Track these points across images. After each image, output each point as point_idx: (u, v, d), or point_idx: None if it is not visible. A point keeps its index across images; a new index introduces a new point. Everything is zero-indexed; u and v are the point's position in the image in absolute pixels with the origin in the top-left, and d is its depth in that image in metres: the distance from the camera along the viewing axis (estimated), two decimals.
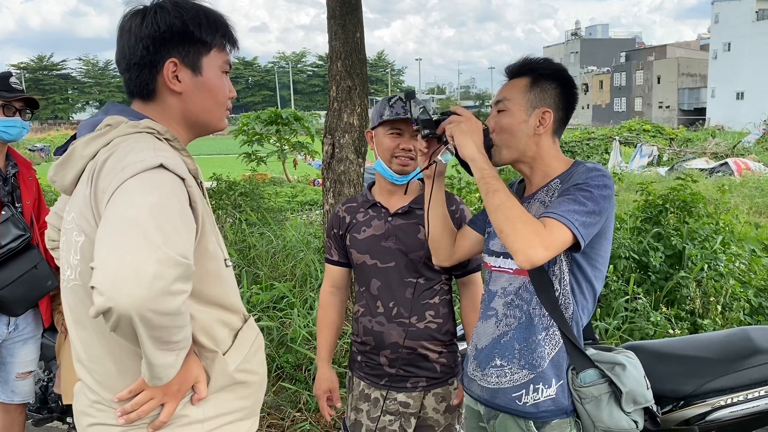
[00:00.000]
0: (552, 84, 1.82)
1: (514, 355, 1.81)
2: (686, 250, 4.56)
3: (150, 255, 1.09)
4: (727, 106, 48.40)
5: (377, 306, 2.23)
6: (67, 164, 1.34)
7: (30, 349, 2.96)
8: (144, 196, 1.16)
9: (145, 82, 1.38)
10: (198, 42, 1.38)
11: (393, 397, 2.23)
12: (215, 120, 1.46)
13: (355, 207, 2.33)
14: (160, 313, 1.11)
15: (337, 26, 4.68)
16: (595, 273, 1.80)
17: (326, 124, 4.87)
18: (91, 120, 1.38)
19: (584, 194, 1.67)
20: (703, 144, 19.74)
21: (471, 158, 1.69)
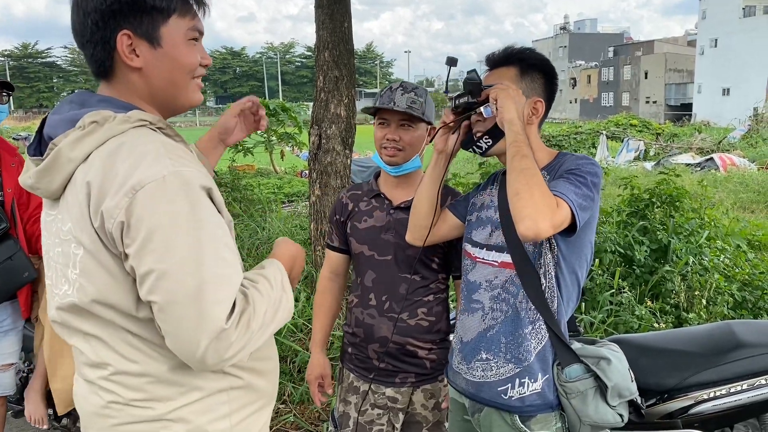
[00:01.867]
0: (539, 74, 1.82)
1: (501, 349, 1.80)
2: (671, 245, 4.58)
3: (206, 328, 1.13)
4: (714, 102, 48.74)
5: (370, 298, 2.21)
6: (53, 170, 1.20)
7: (11, 341, 2.90)
8: (184, 227, 1.13)
9: (101, 59, 1.25)
10: (152, 10, 1.23)
11: (381, 391, 2.22)
12: (184, 93, 1.33)
13: (359, 195, 2.31)
14: (229, 362, 1.20)
15: (325, 16, 4.64)
16: (580, 264, 1.79)
17: (313, 115, 4.83)
18: (68, 116, 1.23)
19: (579, 179, 1.67)
20: (689, 139, 19.87)
21: (510, 120, 1.66)
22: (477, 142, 1.84)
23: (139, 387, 1.26)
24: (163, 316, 1.14)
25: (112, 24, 1.22)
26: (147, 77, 1.27)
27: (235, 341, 1.16)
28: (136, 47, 1.24)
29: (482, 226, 1.92)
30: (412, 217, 2.05)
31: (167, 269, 1.11)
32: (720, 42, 50.99)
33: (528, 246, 1.77)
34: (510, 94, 1.71)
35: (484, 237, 1.89)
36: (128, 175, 1.12)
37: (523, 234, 1.55)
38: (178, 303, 1.12)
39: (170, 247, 1.11)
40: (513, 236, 1.79)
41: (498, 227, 1.85)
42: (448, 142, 1.91)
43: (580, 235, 1.73)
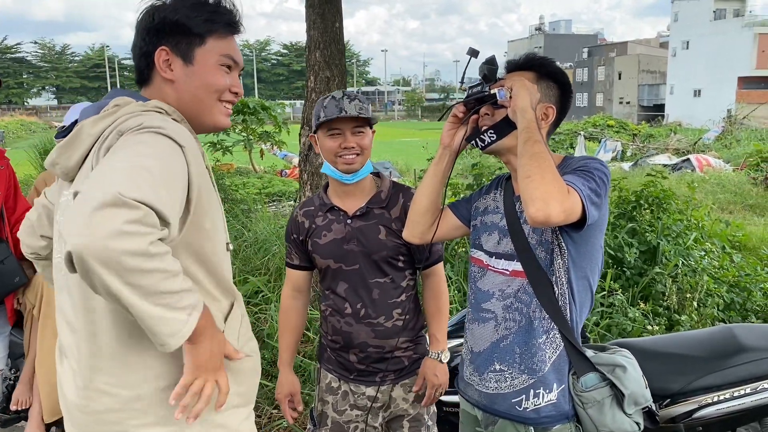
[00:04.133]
0: (554, 84, 1.82)
1: (515, 360, 1.78)
2: (660, 246, 4.62)
3: (103, 195, 1.06)
4: (685, 103, 49.53)
5: (345, 307, 2.22)
6: (73, 144, 1.33)
7: None
8: (129, 151, 1.18)
9: (142, 68, 1.46)
10: (190, 33, 1.42)
11: (361, 391, 2.25)
12: (209, 112, 1.48)
13: (312, 211, 2.28)
14: (121, 254, 1.05)
15: (316, 15, 4.58)
16: (592, 269, 1.78)
17: (304, 116, 4.77)
18: (97, 104, 1.40)
19: (587, 174, 1.65)
20: (665, 140, 20.16)
21: (523, 108, 1.66)
22: (480, 135, 1.82)
23: (110, 371, 1.33)
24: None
25: (155, 40, 1.42)
26: (177, 90, 1.44)
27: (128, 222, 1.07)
28: (171, 62, 1.43)
29: (489, 232, 1.90)
30: (410, 213, 2.02)
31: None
32: (691, 44, 51.87)
33: (539, 253, 1.75)
34: (525, 85, 1.71)
35: (493, 244, 1.87)
36: (121, 127, 1.27)
37: (533, 216, 1.51)
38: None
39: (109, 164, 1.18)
40: (522, 244, 1.78)
41: (506, 234, 1.83)
42: (455, 137, 1.89)
43: (590, 239, 1.72)
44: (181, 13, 1.41)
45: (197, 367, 1.26)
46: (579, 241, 1.70)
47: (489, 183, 2.04)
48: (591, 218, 1.60)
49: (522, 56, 1.85)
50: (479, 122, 1.84)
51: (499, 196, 1.92)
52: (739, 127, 22.94)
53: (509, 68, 1.85)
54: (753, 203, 10.52)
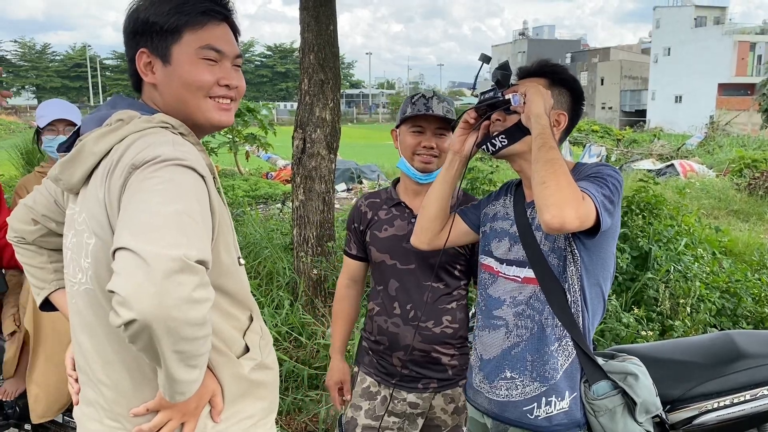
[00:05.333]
0: (567, 91, 1.82)
1: (526, 367, 1.76)
2: (652, 252, 4.65)
3: (170, 261, 1.01)
4: (666, 109, 50.09)
5: (394, 307, 2.20)
6: (76, 161, 1.27)
7: None
8: (164, 195, 1.09)
9: (133, 75, 1.38)
10: (164, 31, 1.32)
11: (402, 397, 2.22)
12: (197, 111, 1.35)
13: (377, 203, 2.29)
14: (185, 324, 1.03)
15: (310, 18, 4.57)
16: (604, 276, 1.77)
17: (297, 118, 4.75)
18: (98, 114, 1.33)
19: (601, 180, 1.65)
20: (649, 145, 20.38)
21: (538, 114, 1.65)
22: (491, 140, 1.81)
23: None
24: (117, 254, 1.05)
25: (133, 43, 1.35)
26: (162, 93, 1.36)
27: (185, 294, 1.03)
28: (153, 64, 1.34)
29: (499, 238, 1.89)
30: (419, 219, 2.01)
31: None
32: (673, 50, 52.49)
33: (552, 260, 1.74)
34: (540, 91, 1.70)
35: (504, 251, 1.85)
36: (132, 158, 1.17)
37: (548, 223, 1.50)
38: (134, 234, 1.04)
39: (141, 214, 1.08)
40: (534, 251, 1.77)
41: (517, 241, 1.82)
42: (466, 143, 1.88)
43: (603, 246, 1.72)
44: (151, 10, 1.31)
45: (174, 407, 1.24)
46: (592, 248, 1.70)
47: (498, 189, 2.03)
48: (604, 225, 1.59)
49: (534, 63, 1.84)
50: (490, 128, 1.83)
51: (509, 202, 1.91)
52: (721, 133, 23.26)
53: (521, 74, 1.84)
54: (737, 209, 10.66)
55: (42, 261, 1.57)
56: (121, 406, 1.28)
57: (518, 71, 1.85)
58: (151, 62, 1.33)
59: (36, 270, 1.57)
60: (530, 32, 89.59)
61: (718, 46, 47.94)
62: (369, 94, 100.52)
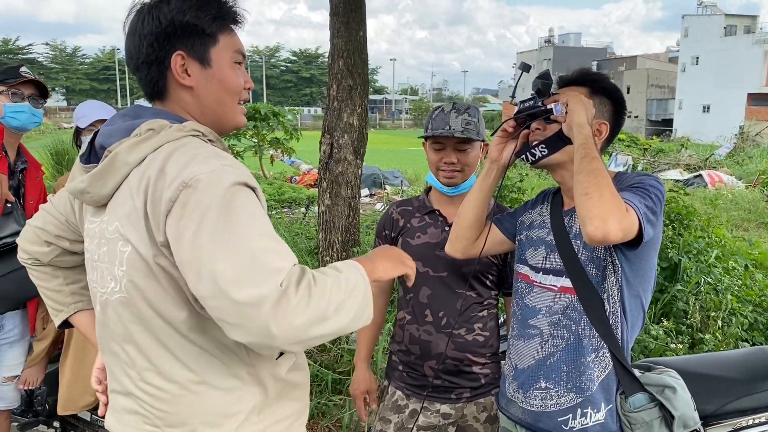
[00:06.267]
0: (608, 100, 1.79)
1: (561, 378, 1.74)
2: (681, 263, 4.57)
3: (277, 292, 1.07)
4: (694, 119, 49.43)
5: (425, 314, 2.18)
6: (108, 173, 1.24)
7: (17, 353, 2.81)
8: (238, 214, 1.11)
9: (155, 79, 1.33)
10: (203, 33, 1.31)
11: (435, 408, 2.20)
12: (231, 114, 1.39)
13: (410, 211, 2.27)
14: (317, 331, 1.12)
15: (340, 24, 4.59)
16: (644, 288, 1.74)
17: (324, 123, 4.77)
18: (123, 126, 1.28)
19: (643, 191, 1.62)
20: (676, 155, 20.10)
21: (580, 124, 1.63)
22: (531, 149, 1.79)
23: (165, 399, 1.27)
24: (215, 303, 1.08)
25: (167, 45, 1.30)
26: (197, 96, 1.34)
27: (296, 304, 1.08)
28: (188, 67, 1.32)
29: (535, 247, 1.87)
30: (454, 227, 1.99)
31: (214, 255, 1.09)
32: (701, 59, 51.85)
33: (590, 269, 1.71)
34: (582, 100, 1.68)
35: (540, 260, 1.83)
36: (180, 172, 1.14)
37: (590, 235, 1.48)
38: (227, 283, 1.06)
39: (217, 233, 1.10)
40: (571, 260, 1.75)
41: (554, 250, 1.80)
42: (504, 151, 1.86)
43: (644, 256, 1.69)
44: (190, 14, 1.29)
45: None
46: (633, 259, 1.67)
47: (535, 197, 2.01)
48: (647, 236, 1.56)
49: (575, 71, 1.82)
50: (530, 137, 1.81)
51: (545, 210, 1.89)
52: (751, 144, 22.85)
53: (561, 83, 1.83)
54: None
55: (58, 283, 1.56)
56: (163, 411, 1.27)
57: (558, 80, 1.83)
58: (185, 65, 1.31)
59: (52, 293, 1.56)
60: (556, 39, 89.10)
61: (748, 56, 47.25)
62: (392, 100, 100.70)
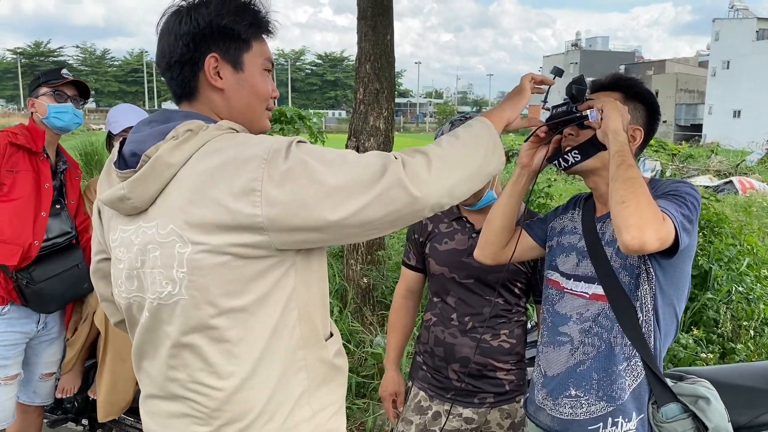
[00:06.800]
0: (642, 106, 1.76)
1: (592, 386, 1.72)
2: (712, 271, 4.49)
3: (394, 176, 1.19)
4: (724, 124, 48.64)
5: (452, 318, 2.19)
6: (150, 177, 1.23)
7: (55, 350, 2.87)
8: (322, 150, 1.21)
9: (187, 79, 1.34)
10: (238, 38, 1.34)
11: (458, 412, 2.20)
12: (257, 118, 1.41)
13: (438, 216, 2.27)
14: (446, 189, 1.26)
15: (368, 28, 4.59)
16: (678, 297, 1.71)
17: (351, 127, 4.78)
18: (156, 130, 1.28)
19: (679, 199, 1.59)
20: (705, 161, 19.74)
21: (615, 130, 1.60)
22: (564, 155, 1.77)
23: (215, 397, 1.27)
24: (365, 213, 1.19)
25: (202, 47, 1.31)
26: (228, 99, 1.36)
27: (417, 161, 1.22)
28: (220, 70, 1.33)
29: (566, 253, 1.84)
30: (483, 233, 1.97)
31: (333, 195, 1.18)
32: (732, 64, 51.02)
33: (623, 277, 1.69)
34: (617, 106, 1.65)
35: (571, 266, 1.81)
36: (246, 154, 1.18)
37: (627, 244, 1.45)
38: (362, 189, 1.18)
39: (324, 169, 1.18)
40: (603, 267, 1.72)
41: (585, 256, 1.78)
42: (535, 157, 1.84)
43: (678, 264, 1.66)
44: (228, 18, 1.32)
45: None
46: (667, 267, 1.64)
47: (566, 203, 1.99)
48: (683, 245, 1.54)
49: (608, 76, 1.80)
50: (562, 142, 1.79)
51: (577, 216, 1.87)
52: None
53: (594, 88, 1.80)
54: None
55: None
56: (218, 410, 1.27)
57: (591, 85, 1.81)
58: (218, 67, 1.33)
59: None
60: (583, 43, 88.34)
61: None
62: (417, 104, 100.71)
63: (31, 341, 2.73)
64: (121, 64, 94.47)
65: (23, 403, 2.84)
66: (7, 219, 2.52)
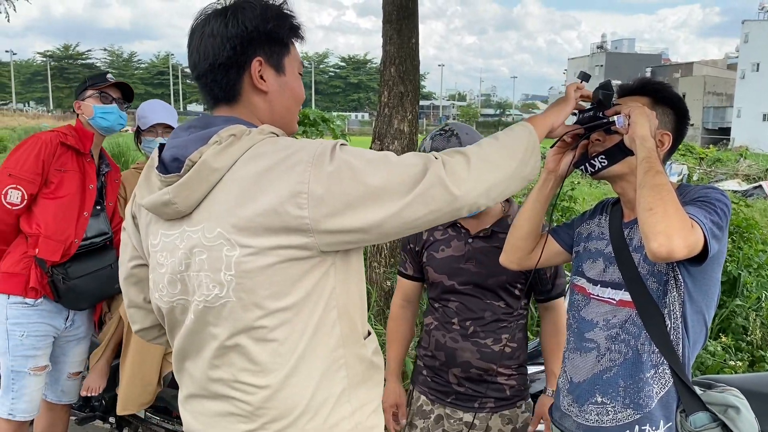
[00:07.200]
0: (671, 110, 1.74)
1: (619, 393, 1.70)
2: (741, 277, 4.42)
3: (436, 176, 1.24)
4: (753, 127, 47.80)
5: (453, 322, 2.17)
6: (195, 182, 1.25)
7: (83, 349, 2.92)
8: (364, 152, 1.26)
9: (232, 82, 1.35)
10: (281, 42, 1.37)
11: (458, 416, 2.19)
12: (293, 121, 1.45)
13: None
14: (483, 189, 1.29)
15: (393, 31, 4.61)
16: (708, 304, 1.68)
17: (375, 130, 4.79)
18: (197, 135, 1.29)
19: (709, 205, 1.57)
20: (734, 165, 19.43)
21: (643, 136, 1.58)
22: (590, 160, 1.75)
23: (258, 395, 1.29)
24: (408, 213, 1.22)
25: (249, 50, 1.33)
26: (270, 101, 1.38)
27: (457, 161, 1.26)
28: (263, 73, 1.36)
29: (593, 259, 1.83)
30: (509, 238, 1.96)
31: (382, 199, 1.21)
32: (762, 66, 50.15)
33: (650, 283, 1.67)
34: (645, 112, 1.63)
35: (598, 272, 1.80)
36: (291, 159, 1.21)
37: (654, 252, 1.43)
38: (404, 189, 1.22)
39: (367, 170, 1.21)
40: (631, 273, 1.70)
41: (612, 262, 1.76)
42: (562, 162, 1.83)
43: (708, 271, 1.64)
44: (273, 23, 1.34)
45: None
46: (696, 274, 1.62)
47: (593, 208, 1.97)
48: (712, 252, 1.51)
49: (636, 80, 1.78)
50: (589, 148, 1.78)
51: (604, 221, 1.85)
52: None
53: (622, 93, 1.79)
54: None
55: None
56: (263, 408, 1.28)
57: (618, 89, 1.79)
58: (261, 71, 1.35)
59: None
60: (609, 45, 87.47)
61: None
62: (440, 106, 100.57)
63: (59, 340, 2.79)
64: (147, 66, 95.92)
65: (50, 402, 2.89)
66: (51, 216, 2.60)
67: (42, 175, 2.57)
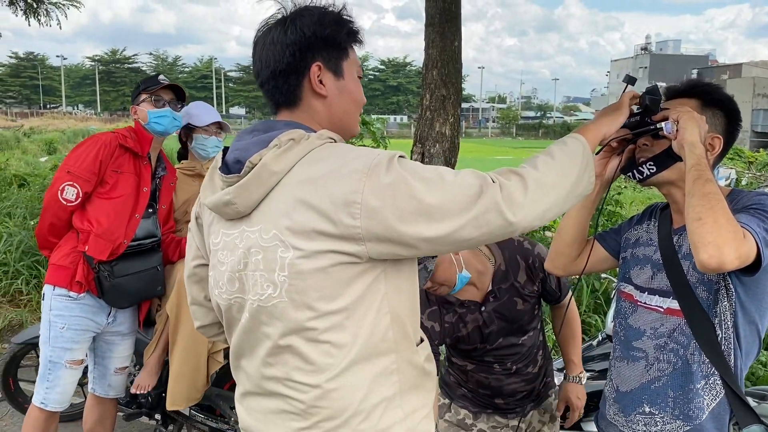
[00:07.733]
0: (721, 112, 1.69)
1: (668, 404, 1.66)
2: None
3: (494, 198, 1.22)
4: None
5: (494, 367, 2.26)
6: (255, 183, 1.28)
7: (128, 345, 2.99)
8: (421, 166, 1.25)
9: (292, 88, 1.38)
10: (339, 47, 1.40)
11: (504, 422, 2.32)
12: (353, 124, 1.46)
13: (436, 314, 2.21)
14: (541, 209, 1.28)
15: (435, 34, 4.61)
16: (761, 313, 1.63)
17: (417, 133, 4.80)
18: (259, 138, 1.34)
19: (762, 213, 1.51)
20: None
21: (692, 143, 1.54)
22: (638, 167, 1.72)
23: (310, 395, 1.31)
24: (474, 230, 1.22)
25: (308, 56, 1.36)
26: (329, 105, 1.41)
27: (514, 184, 1.24)
28: (323, 77, 1.38)
29: (640, 266, 1.79)
30: (554, 244, 1.94)
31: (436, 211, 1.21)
32: None
33: (700, 292, 1.63)
34: (694, 117, 1.59)
35: (645, 279, 1.76)
36: (348, 167, 1.23)
37: (704, 263, 1.38)
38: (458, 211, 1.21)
39: (427, 187, 1.21)
40: (679, 280, 1.66)
41: (660, 269, 1.72)
42: (608, 166, 1.78)
43: (761, 281, 1.58)
44: (330, 28, 1.37)
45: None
46: (749, 283, 1.57)
47: (641, 213, 1.93)
48: (765, 261, 1.46)
49: (684, 82, 1.74)
50: (636, 153, 1.74)
51: (652, 227, 1.82)
52: None
53: (669, 95, 1.74)
54: None
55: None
56: (316, 406, 1.30)
57: (666, 91, 1.75)
58: (320, 75, 1.38)
59: None
60: (653, 47, 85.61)
61: None
62: (479, 108, 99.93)
63: (104, 335, 2.86)
64: (191, 70, 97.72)
65: (98, 396, 2.98)
66: (104, 215, 2.67)
67: (98, 174, 2.64)
